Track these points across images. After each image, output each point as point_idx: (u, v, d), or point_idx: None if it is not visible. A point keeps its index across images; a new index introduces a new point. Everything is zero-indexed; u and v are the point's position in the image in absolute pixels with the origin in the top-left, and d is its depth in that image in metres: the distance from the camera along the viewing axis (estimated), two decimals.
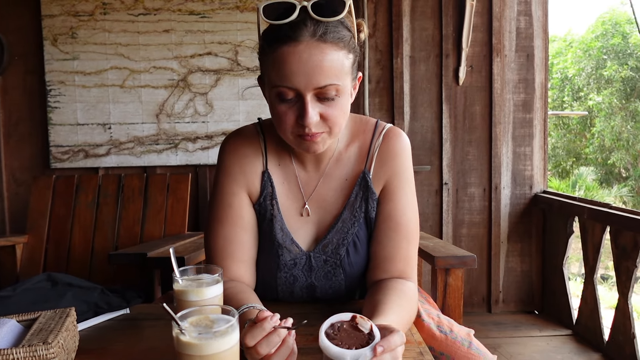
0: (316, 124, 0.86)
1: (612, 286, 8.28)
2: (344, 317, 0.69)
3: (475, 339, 0.99)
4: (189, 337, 0.60)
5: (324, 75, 0.82)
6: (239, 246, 0.98)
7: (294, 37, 0.82)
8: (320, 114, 0.85)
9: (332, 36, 0.83)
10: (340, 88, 0.85)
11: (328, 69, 0.82)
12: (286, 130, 0.88)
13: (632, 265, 2.13)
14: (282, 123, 0.87)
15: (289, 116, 0.86)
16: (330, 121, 0.87)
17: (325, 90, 0.84)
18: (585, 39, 15.45)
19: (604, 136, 14.33)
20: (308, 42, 0.82)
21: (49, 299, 0.94)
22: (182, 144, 2.67)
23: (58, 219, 2.33)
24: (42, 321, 0.77)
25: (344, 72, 0.86)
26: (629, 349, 2.15)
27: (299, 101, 0.85)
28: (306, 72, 0.82)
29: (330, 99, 0.85)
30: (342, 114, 0.89)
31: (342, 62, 0.85)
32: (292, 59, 0.82)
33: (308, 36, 0.82)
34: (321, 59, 0.82)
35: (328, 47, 0.83)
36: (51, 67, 2.61)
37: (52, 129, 2.64)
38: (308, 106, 0.83)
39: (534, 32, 2.83)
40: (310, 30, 0.82)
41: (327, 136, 0.89)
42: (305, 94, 0.83)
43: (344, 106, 0.88)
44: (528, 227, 2.89)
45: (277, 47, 0.83)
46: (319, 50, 0.82)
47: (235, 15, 2.64)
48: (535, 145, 2.88)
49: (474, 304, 2.88)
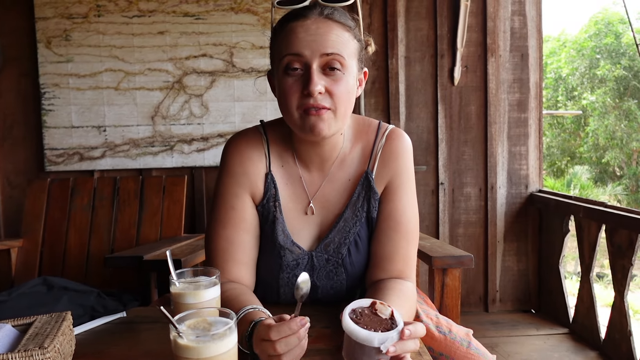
0: (321, 97, 0.88)
1: (608, 284, 8.33)
2: (364, 303, 0.69)
3: (474, 339, 0.99)
4: (186, 340, 0.60)
5: (329, 43, 0.88)
6: (240, 248, 0.98)
7: (303, 14, 0.90)
8: (325, 88, 0.88)
9: (338, 17, 0.91)
10: (345, 63, 0.89)
11: (334, 40, 0.89)
12: (292, 107, 0.90)
13: (627, 263, 2.14)
14: (288, 97, 0.89)
15: (295, 90, 0.89)
16: (335, 96, 0.89)
17: (331, 60, 0.88)
18: (578, 38, 15.55)
19: (598, 135, 14.42)
20: (316, 17, 0.90)
21: (45, 303, 0.94)
22: (177, 146, 2.67)
23: (53, 223, 2.32)
24: (38, 325, 0.76)
25: (349, 50, 0.91)
26: (626, 347, 2.16)
27: (305, 73, 0.88)
28: (313, 39, 0.88)
29: (335, 71, 0.89)
30: (347, 93, 0.90)
31: (347, 40, 0.91)
32: (300, 30, 0.89)
33: (316, 14, 0.91)
34: (327, 30, 0.89)
35: (334, 24, 0.90)
36: (45, 69, 2.60)
37: (47, 132, 2.62)
38: (314, 74, 0.87)
39: (528, 32, 2.85)
40: (319, 10, 0.91)
41: (332, 116, 0.90)
42: (311, 62, 0.88)
43: (349, 85, 0.91)
44: (524, 226, 2.90)
45: (288, 24, 0.91)
46: (326, 25, 0.90)
47: (230, 16, 2.63)
48: (531, 144, 2.89)
49: (471, 303, 2.89)
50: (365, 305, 0.69)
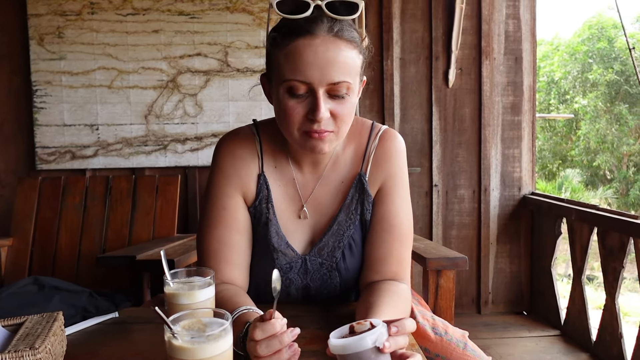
0: (326, 120, 0.85)
1: (598, 286, 8.40)
2: (342, 330, 0.68)
3: (470, 341, 0.99)
4: (181, 341, 0.59)
5: (338, 71, 0.83)
6: (233, 249, 0.97)
7: (310, 30, 0.82)
8: (330, 111, 0.85)
9: (347, 34, 0.85)
10: (351, 87, 0.86)
11: (342, 65, 0.83)
12: (293, 127, 0.87)
13: (619, 266, 2.16)
14: (290, 118, 0.86)
15: (298, 112, 0.85)
16: (340, 119, 0.87)
17: (338, 87, 0.84)
18: (571, 42, 15.69)
19: (590, 139, 14.55)
20: (324, 36, 0.83)
21: (36, 303, 0.92)
22: (171, 145, 2.65)
23: (44, 222, 2.29)
24: (28, 326, 0.75)
25: (356, 71, 0.87)
26: (616, 349, 2.18)
27: (310, 96, 0.84)
28: (321, 66, 0.82)
29: (341, 96, 0.85)
30: (351, 114, 0.89)
31: (354, 60, 0.86)
32: (308, 52, 0.82)
33: (325, 31, 0.83)
34: (337, 54, 0.83)
35: (343, 44, 0.84)
36: (37, 67, 2.57)
37: (38, 130, 2.59)
38: (320, 101, 0.83)
39: (522, 35, 2.86)
40: (327, 26, 0.83)
41: (334, 136, 0.89)
42: (317, 88, 0.83)
43: (352, 106, 0.89)
44: (517, 228, 2.91)
45: (293, 39, 0.83)
46: (335, 46, 0.83)
47: (225, 16, 2.62)
48: (524, 147, 2.91)
49: (464, 305, 2.90)
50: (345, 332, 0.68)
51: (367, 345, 0.62)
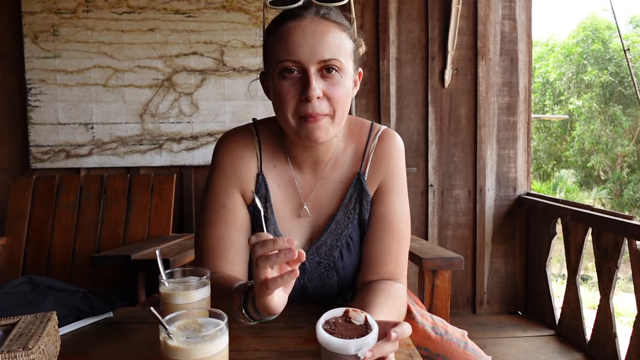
0: (319, 102, 0.86)
1: (592, 287, 8.45)
2: (337, 312, 0.68)
3: (470, 340, 0.99)
4: (176, 342, 0.59)
5: (327, 48, 0.86)
6: (232, 246, 0.97)
7: (299, 14, 0.88)
8: (323, 92, 0.86)
9: (334, 17, 0.90)
10: (343, 66, 0.88)
11: (331, 44, 0.87)
12: (288, 112, 0.88)
13: (613, 266, 2.17)
14: (285, 102, 0.87)
15: (292, 94, 0.87)
16: (333, 100, 0.87)
17: (328, 64, 0.86)
18: (566, 44, 15.75)
19: (584, 139, 14.62)
20: (312, 18, 0.88)
21: (30, 303, 0.92)
22: (166, 144, 2.64)
23: (38, 221, 2.27)
24: (22, 326, 0.75)
25: (346, 52, 0.89)
26: (611, 349, 2.19)
27: (303, 77, 0.86)
28: (310, 44, 0.85)
29: (333, 73, 0.87)
30: (345, 97, 0.89)
31: (343, 42, 0.89)
32: (297, 33, 0.86)
33: (312, 14, 0.88)
34: (325, 34, 0.87)
35: (331, 25, 0.88)
36: (32, 65, 2.55)
37: (32, 129, 2.58)
38: (312, 78, 0.85)
39: (517, 36, 2.87)
40: (314, 10, 0.89)
41: (330, 122, 0.89)
42: (308, 67, 0.85)
43: (346, 89, 0.89)
44: (512, 228, 2.92)
45: (283, 24, 0.89)
46: (323, 26, 0.88)
47: (221, 15, 2.61)
48: (519, 147, 2.91)
49: (459, 304, 2.90)
50: (339, 315, 0.68)
51: (349, 352, 0.63)
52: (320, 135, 0.88)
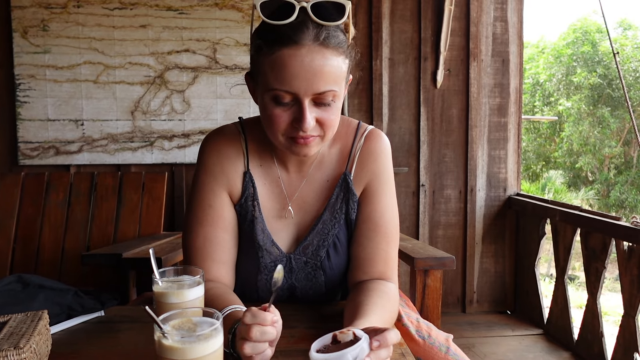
0: (312, 127, 0.85)
1: (579, 286, 8.55)
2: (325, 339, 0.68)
3: (453, 344, 0.99)
4: (171, 341, 0.59)
5: (323, 81, 0.81)
6: (219, 247, 0.97)
7: (295, 39, 0.80)
8: (316, 119, 0.85)
9: (333, 41, 0.82)
10: (337, 94, 0.85)
11: (328, 75, 0.82)
12: (278, 133, 0.87)
13: (601, 266, 2.20)
14: (275, 125, 0.86)
15: (284, 119, 0.84)
16: (325, 125, 0.86)
17: (324, 96, 0.83)
18: (557, 45, 15.90)
19: (573, 141, 14.78)
20: (310, 46, 0.80)
21: (20, 302, 0.91)
22: (157, 142, 2.62)
23: (26, 218, 2.25)
24: (12, 325, 0.74)
25: (342, 78, 0.86)
26: (597, 348, 2.22)
27: (295, 105, 0.83)
28: (307, 77, 0.80)
29: (327, 104, 0.85)
30: (337, 119, 0.89)
31: (340, 67, 0.84)
32: (294, 63, 0.80)
33: (310, 40, 0.80)
34: (322, 64, 0.81)
35: (329, 52, 0.82)
36: (21, 60, 2.52)
37: (21, 125, 2.54)
38: (306, 111, 0.82)
39: (509, 37, 2.90)
40: (313, 34, 0.80)
41: (320, 140, 0.89)
42: (303, 99, 0.82)
43: (338, 111, 0.88)
44: (502, 228, 2.95)
45: (277, 48, 0.81)
46: (321, 55, 0.81)
47: (214, 12, 2.60)
48: (510, 148, 2.94)
49: (449, 304, 2.92)
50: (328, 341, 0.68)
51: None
52: (310, 152, 0.89)
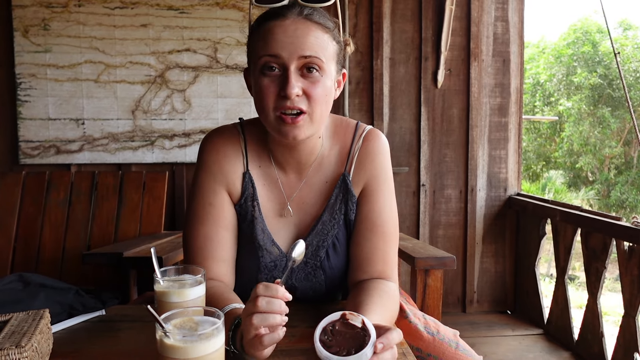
0: (298, 99, 0.86)
1: (579, 286, 8.54)
2: (334, 317, 0.68)
3: (461, 340, 1.00)
4: (173, 340, 0.59)
5: (307, 46, 0.86)
6: (219, 245, 0.97)
7: (282, 13, 0.89)
8: (302, 90, 0.87)
9: (317, 18, 0.90)
10: (323, 66, 0.88)
11: (312, 42, 0.87)
12: (268, 108, 0.88)
13: (601, 266, 2.20)
14: (265, 98, 0.88)
15: (272, 90, 0.87)
16: (312, 99, 0.87)
17: (309, 62, 0.87)
18: (557, 45, 15.88)
19: (573, 141, 14.77)
20: (295, 18, 0.88)
21: (21, 301, 0.91)
22: (158, 141, 2.62)
23: (27, 217, 2.25)
24: (14, 323, 0.74)
25: (328, 53, 0.89)
26: (597, 348, 2.22)
27: (282, 74, 0.87)
28: (291, 41, 0.86)
29: (313, 72, 0.87)
30: (324, 96, 0.89)
31: (326, 43, 0.90)
32: (279, 30, 0.87)
33: (296, 14, 0.89)
34: (306, 32, 0.87)
35: (313, 25, 0.89)
36: (22, 59, 2.52)
37: (22, 124, 2.54)
38: (291, 76, 0.85)
39: (510, 37, 2.89)
40: (298, 10, 0.90)
41: (308, 119, 0.88)
42: (289, 64, 0.86)
43: (326, 88, 0.89)
44: (502, 228, 2.95)
45: (266, 22, 0.89)
46: (305, 26, 0.88)
47: (215, 12, 2.60)
48: (510, 148, 2.94)
49: (449, 303, 2.92)
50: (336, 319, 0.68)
51: None
52: (299, 134, 0.88)
